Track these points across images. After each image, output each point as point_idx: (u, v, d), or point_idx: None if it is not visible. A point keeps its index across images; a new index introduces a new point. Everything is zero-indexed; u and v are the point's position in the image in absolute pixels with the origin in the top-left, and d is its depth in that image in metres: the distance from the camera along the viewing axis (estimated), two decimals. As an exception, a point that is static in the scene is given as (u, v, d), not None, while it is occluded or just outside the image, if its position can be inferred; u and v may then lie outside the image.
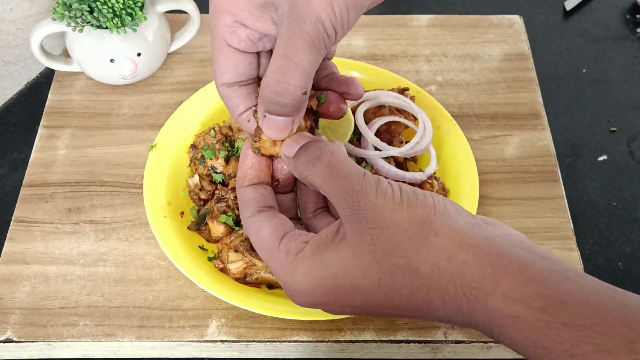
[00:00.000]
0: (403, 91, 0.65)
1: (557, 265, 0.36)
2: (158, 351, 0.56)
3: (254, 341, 0.55)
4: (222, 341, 0.55)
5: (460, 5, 0.88)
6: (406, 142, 0.63)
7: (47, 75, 0.78)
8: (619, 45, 0.83)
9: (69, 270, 0.59)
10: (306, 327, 0.56)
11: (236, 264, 0.56)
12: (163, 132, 0.65)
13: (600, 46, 0.83)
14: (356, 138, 0.62)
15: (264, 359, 0.58)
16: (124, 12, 0.64)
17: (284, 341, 0.55)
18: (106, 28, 0.65)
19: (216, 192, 0.60)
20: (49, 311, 0.57)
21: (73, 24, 0.66)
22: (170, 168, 0.63)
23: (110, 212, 0.63)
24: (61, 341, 0.55)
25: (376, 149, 0.61)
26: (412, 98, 0.65)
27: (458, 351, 0.57)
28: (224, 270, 0.56)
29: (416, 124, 0.64)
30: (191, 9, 0.71)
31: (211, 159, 0.62)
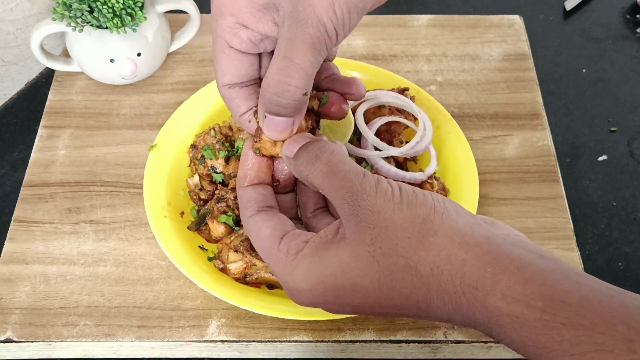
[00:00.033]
0: (403, 91, 0.65)
1: (557, 265, 0.36)
2: (158, 351, 0.56)
3: (254, 341, 0.55)
4: (222, 341, 0.55)
5: (460, 5, 0.88)
6: (406, 142, 0.63)
7: (47, 75, 0.78)
8: (619, 45, 0.83)
9: (69, 270, 0.59)
10: (306, 327, 0.56)
11: (236, 264, 0.56)
12: (163, 132, 0.65)
13: (600, 46, 0.83)
14: (356, 138, 0.62)
15: (264, 359, 0.58)
16: (124, 12, 0.64)
17: (284, 341, 0.55)
18: (106, 28, 0.65)
19: (216, 192, 0.60)
20: (49, 311, 0.57)
21: (73, 24, 0.66)
22: (170, 168, 0.63)
23: (110, 212, 0.63)
24: (61, 341, 0.55)
25: (376, 149, 0.61)
26: (412, 98, 0.65)
27: (458, 351, 0.57)
28: (224, 270, 0.56)
29: (416, 124, 0.64)
30: (191, 9, 0.71)
31: (211, 159, 0.62)
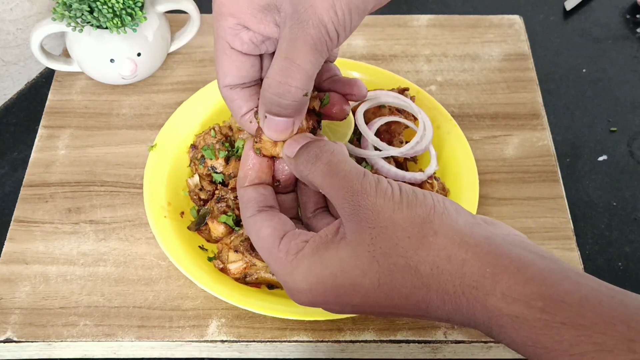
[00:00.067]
0: (403, 91, 0.65)
1: (557, 265, 0.36)
2: (158, 351, 0.56)
3: (254, 341, 0.55)
4: (222, 341, 0.55)
5: (460, 5, 0.88)
6: (406, 142, 0.63)
7: (47, 75, 0.78)
8: (619, 45, 0.83)
9: (69, 270, 0.59)
10: (306, 327, 0.56)
11: (236, 264, 0.56)
12: (163, 132, 0.65)
13: (600, 46, 0.83)
14: (356, 138, 0.62)
15: (264, 359, 0.58)
16: (124, 12, 0.64)
17: (284, 341, 0.55)
18: (106, 28, 0.65)
19: (216, 192, 0.60)
20: (49, 311, 0.57)
21: (73, 24, 0.66)
22: (170, 168, 0.63)
23: (110, 212, 0.63)
24: (61, 341, 0.55)
25: (376, 149, 0.61)
26: (412, 98, 0.65)
27: (458, 351, 0.57)
28: (224, 270, 0.56)
29: (416, 124, 0.64)
30: (191, 9, 0.71)
31: (211, 159, 0.62)
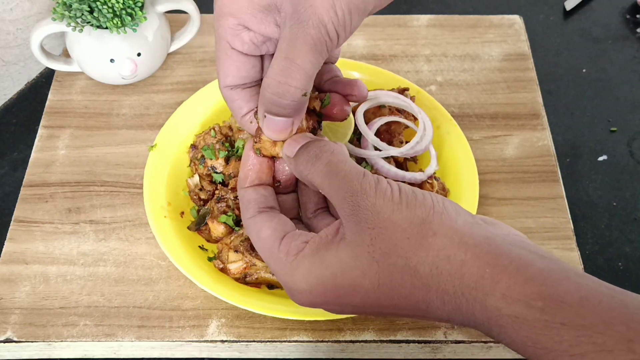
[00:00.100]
0: (403, 91, 0.65)
1: (557, 265, 0.36)
2: (158, 351, 0.56)
3: (254, 341, 0.55)
4: (222, 341, 0.55)
5: (460, 5, 0.88)
6: (406, 142, 0.63)
7: (47, 75, 0.78)
8: (619, 45, 0.83)
9: (69, 270, 0.59)
10: (306, 327, 0.56)
11: (236, 264, 0.56)
12: (163, 132, 0.65)
13: (600, 46, 0.83)
14: (356, 138, 0.62)
15: (264, 359, 0.58)
16: (124, 12, 0.64)
17: (284, 341, 0.55)
18: (106, 28, 0.65)
19: (216, 192, 0.60)
20: (49, 311, 0.57)
21: (73, 24, 0.66)
22: (170, 168, 0.63)
23: (110, 212, 0.63)
24: (61, 341, 0.55)
25: (376, 149, 0.61)
26: (412, 98, 0.65)
27: (458, 351, 0.57)
28: (224, 270, 0.56)
29: (416, 124, 0.64)
30: (191, 9, 0.71)
31: (211, 159, 0.62)
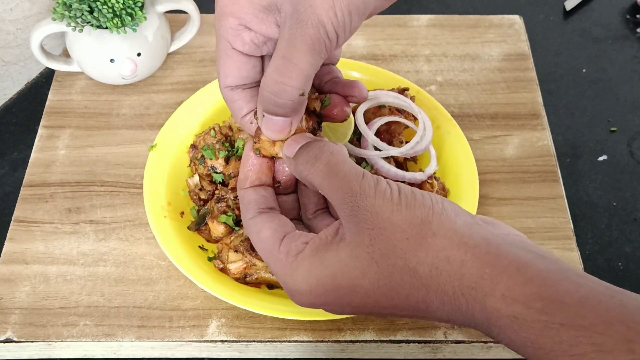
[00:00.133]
0: (403, 91, 0.65)
1: (557, 265, 0.36)
2: (158, 351, 0.56)
3: (254, 341, 0.55)
4: (222, 341, 0.55)
5: (460, 5, 0.88)
6: (406, 142, 0.63)
7: (47, 75, 0.78)
8: (619, 45, 0.83)
9: (69, 270, 0.59)
10: (306, 327, 0.56)
11: (236, 264, 0.56)
12: (163, 132, 0.65)
13: (600, 46, 0.83)
14: (356, 138, 0.62)
15: (264, 359, 0.58)
16: (124, 12, 0.64)
17: (284, 341, 0.55)
18: (106, 28, 0.65)
19: (216, 192, 0.60)
20: (49, 311, 0.57)
21: (73, 24, 0.66)
22: (170, 168, 0.63)
23: (110, 212, 0.63)
24: (61, 341, 0.55)
25: (376, 149, 0.61)
26: (412, 98, 0.65)
27: (458, 351, 0.57)
28: (224, 270, 0.56)
29: (416, 124, 0.64)
30: (191, 9, 0.71)
31: (211, 159, 0.62)
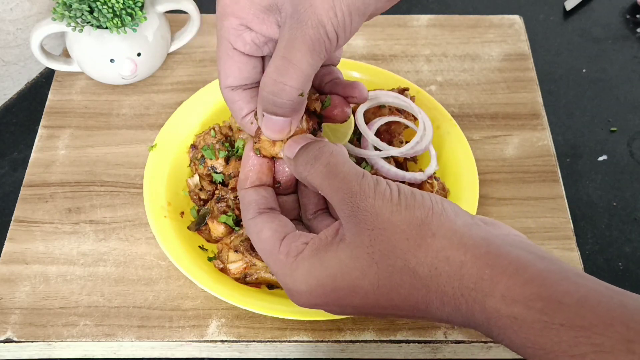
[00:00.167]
0: (403, 91, 0.65)
1: (556, 265, 0.36)
2: (158, 351, 0.56)
3: (254, 341, 0.55)
4: (222, 341, 0.55)
5: (460, 5, 0.88)
6: (406, 142, 0.63)
7: (47, 75, 0.78)
8: (619, 45, 0.83)
9: (69, 270, 0.59)
10: (306, 327, 0.56)
11: (236, 264, 0.56)
12: (163, 132, 0.65)
13: (600, 46, 0.83)
14: (356, 138, 0.62)
15: (264, 359, 0.58)
16: (124, 12, 0.64)
17: (284, 341, 0.55)
18: (106, 28, 0.65)
19: (216, 192, 0.60)
20: (49, 311, 0.57)
21: (73, 24, 0.66)
22: (170, 168, 0.63)
23: (110, 212, 0.63)
24: (61, 341, 0.55)
25: (376, 149, 0.61)
26: (412, 98, 0.65)
27: (458, 351, 0.57)
28: (224, 270, 0.56)
29: (416, 124, 0.64)
30: (191, 9, 0.71)
31: (211, 159, 0.62)
